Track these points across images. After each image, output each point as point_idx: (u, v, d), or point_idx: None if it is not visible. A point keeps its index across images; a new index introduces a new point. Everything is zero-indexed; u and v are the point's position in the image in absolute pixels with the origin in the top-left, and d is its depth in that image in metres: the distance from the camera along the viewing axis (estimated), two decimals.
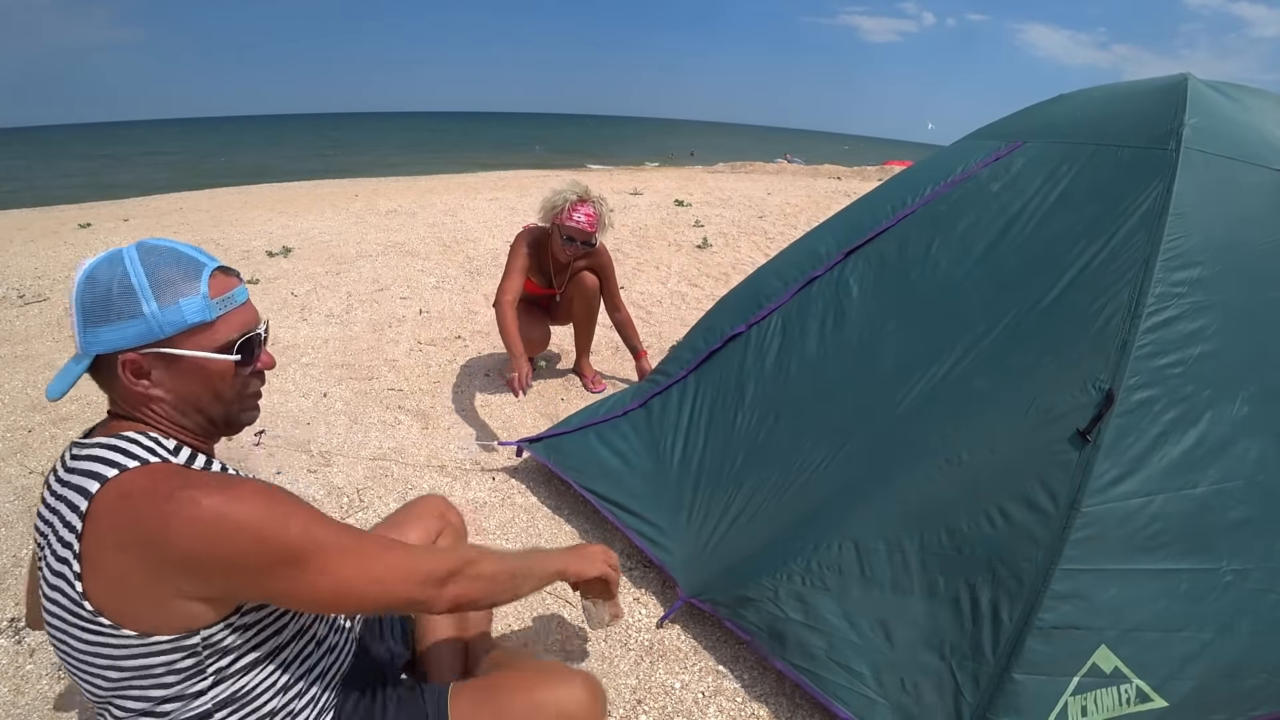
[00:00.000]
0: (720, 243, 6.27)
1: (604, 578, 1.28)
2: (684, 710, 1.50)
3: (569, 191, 2.83)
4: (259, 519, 0.80)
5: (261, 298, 4.46)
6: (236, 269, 0.94)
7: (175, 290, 0.85)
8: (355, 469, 2.42)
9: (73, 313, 0.85)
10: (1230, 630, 1.30)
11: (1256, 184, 1.65)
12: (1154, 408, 1.39)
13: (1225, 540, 1.34)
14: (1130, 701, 1.24)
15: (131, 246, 0.87)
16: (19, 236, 6.66)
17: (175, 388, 0.88)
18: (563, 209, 2.82)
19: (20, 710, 1.44)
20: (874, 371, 1.83)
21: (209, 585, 0.81)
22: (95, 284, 0.84)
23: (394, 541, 0.97)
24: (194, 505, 0.78)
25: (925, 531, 1.48)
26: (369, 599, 0.89)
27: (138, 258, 0.85)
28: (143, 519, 0.78)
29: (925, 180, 2.13)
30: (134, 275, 0.84)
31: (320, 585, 0.85)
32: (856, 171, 15.14)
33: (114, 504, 0.79)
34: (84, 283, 0.85)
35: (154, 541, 0.77)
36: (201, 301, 0.87)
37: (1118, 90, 2.05)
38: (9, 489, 2.22)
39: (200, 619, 0.82)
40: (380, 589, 0.89)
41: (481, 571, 1.01)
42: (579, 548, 1.30)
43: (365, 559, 0.88)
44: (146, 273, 0.85)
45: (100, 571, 0.78)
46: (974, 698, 1.29)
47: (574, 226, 2.81)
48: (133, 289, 0.83)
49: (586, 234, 2.82)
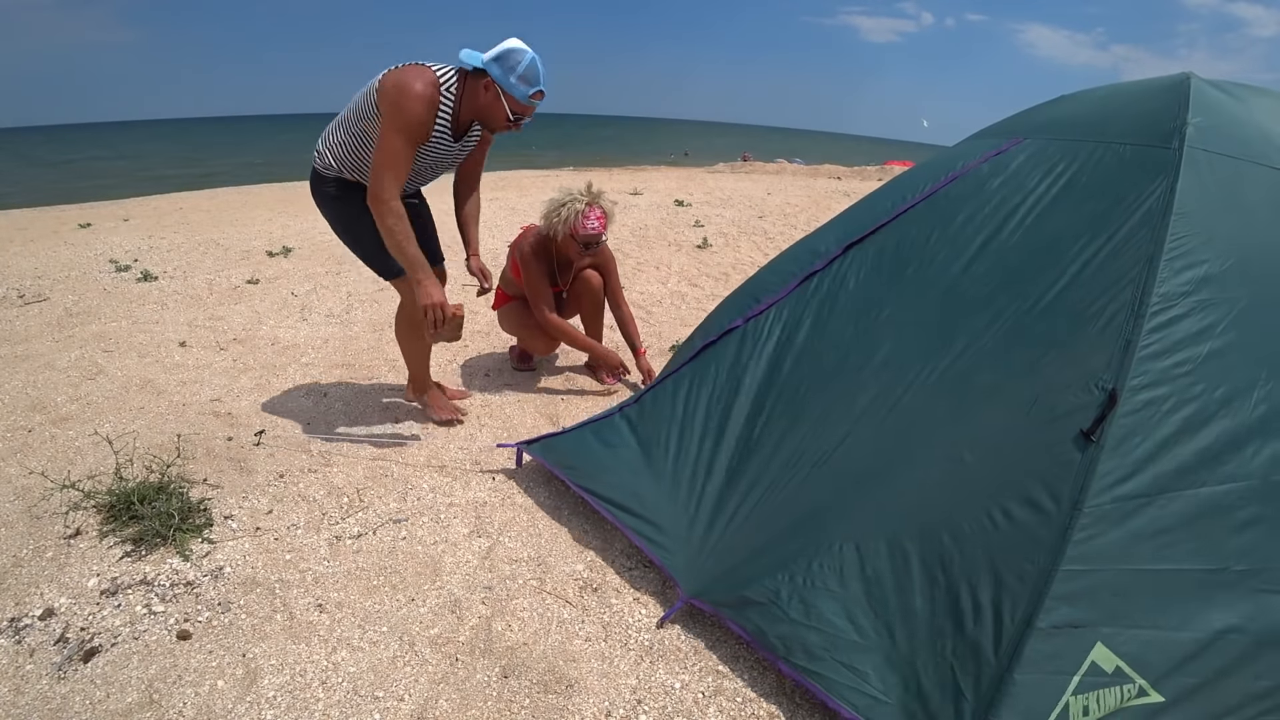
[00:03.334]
0: (720, 243, 6.26)
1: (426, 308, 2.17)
2: (684, 710, 1.49)
3: (577, 199, 2.87)
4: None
5: (261, 298, 4.46)
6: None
7: None
8: (355, 469, 2.41)
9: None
10: (1236, 630, 1.28)
11: (1260, 183, 1.64)
12: (1162, 407, 1.38)
13: (1233, 540, 1.33)
14: (1130, 698, 1.24)
15: None
16: (19, 236, 6.66)
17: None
18: (575, 219, 2.86)
19: (20, 710, 1.44)
20: (873, 366, 1.83)
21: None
22: None
23: (393, 158, 2.07)
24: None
25: (927, 531, 1.47)
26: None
27: None
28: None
29: (925, 178, 2.13)
30: None
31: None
32: (856, 171, 15.14)
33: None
34: None
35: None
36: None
37: (1119, 90, 2.05)
38: (9, 489, 2.21)
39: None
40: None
41: (386, 222, 2.11)
42: (431, 283, 2.17)
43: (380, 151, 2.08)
44: None
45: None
46: (975, 698, 1.28)
47: (591, 233, 2.88)
48: None
49: (599, 235, 2.92)
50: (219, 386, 3.06)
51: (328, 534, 2.05)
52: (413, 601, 1.79)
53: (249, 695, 1.49)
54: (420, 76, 2.08)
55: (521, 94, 2.14)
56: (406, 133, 2.07)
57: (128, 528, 1.99)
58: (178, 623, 1.69)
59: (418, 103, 2.06)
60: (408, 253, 2.15)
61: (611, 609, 1.78)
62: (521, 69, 2.11)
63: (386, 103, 2.07)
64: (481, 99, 2.17)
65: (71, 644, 1.60)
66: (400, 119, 2.05)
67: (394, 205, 2.11)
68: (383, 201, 2.09)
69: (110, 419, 2.71)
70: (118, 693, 1.48)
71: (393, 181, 2.09)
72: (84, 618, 1.69)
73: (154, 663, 1.57)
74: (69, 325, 3.85)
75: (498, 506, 2.23)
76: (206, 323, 3.94)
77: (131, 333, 3.73)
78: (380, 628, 1.70)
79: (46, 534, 1.99)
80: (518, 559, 1.97)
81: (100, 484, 2.16)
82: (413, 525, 2.11)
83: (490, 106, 2.17)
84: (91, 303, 4.25)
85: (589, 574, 1.91)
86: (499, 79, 2.12)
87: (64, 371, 3.18)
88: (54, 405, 2.83)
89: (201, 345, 3.57)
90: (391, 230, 2.12)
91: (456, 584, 1.86)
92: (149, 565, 1.88)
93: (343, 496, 2.25)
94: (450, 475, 2.40)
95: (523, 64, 2.11)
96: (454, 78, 2.17)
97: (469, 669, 1.58)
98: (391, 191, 2.09)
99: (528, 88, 2.14)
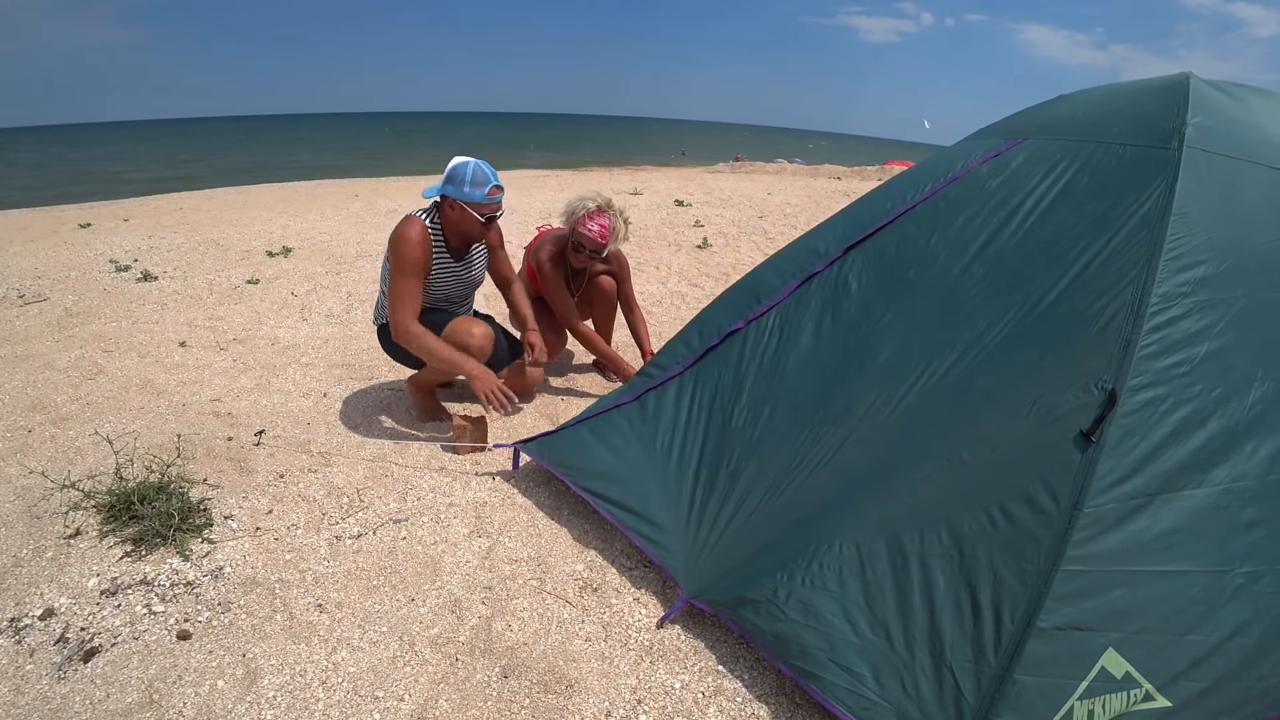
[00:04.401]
0: (720, 243, 6.27)
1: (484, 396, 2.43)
2: (684, 710, 1.49)
3: (590, 199, 2.90)
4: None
5: (261, 298, 4.46)
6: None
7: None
8: (355, 469, 2.41)
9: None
10: (1241, 634, 1.28)
11: (1260, 183, 1.64)
12: (1160, 407, 1.38)
13: (1239, 542, 1.33)
14: (1136, 702, 1.24)
15: None
16: (19, 237, 6.66)
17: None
18: (579, 216, 2.88)
19: (20, 710, 1.44)
20: (873, 369, 1.83)
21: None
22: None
23: (403, 294, 2.43)
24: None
25: (926, 531, 1.47)
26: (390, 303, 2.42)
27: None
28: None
29: (925, 178, 2.13)
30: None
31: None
32: (856, 171, 15.14)
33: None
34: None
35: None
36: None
37: (1119, 90, 2.05)
38: (9, 489, 2.21)
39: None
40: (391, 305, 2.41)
41: (415, 346, 2.45)
42: (482, 373, 2.46)
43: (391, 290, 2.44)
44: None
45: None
46: (975, 699, 1.28)
47: (585, 235, 2.89)
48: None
49: (597, 245, 2.90)
50: (219, 386, 3.06)
51: (328, 534, 2.05)
52: (413, 601, 1.79)
53: (249, 695, 1.49)
54: (410, 225, 2.45)
55: (479, 196, 2.45)
56: (408, 270, 2.42)
57: (128, 528, 1.99)
58: (178, 623, 1.69)
59: (412, 246, 2.42)
60: (448, 359, 2.46)
61: (611, 609, 1.78)
62: (469, 177, 2.44)
63: (390, 253, 2.46)
64: (454, 217, 2.50)
65: (71, 644, 1.60)
66: (401, 262, 2.42)
67: (415, 330, 2.43)
68: (404, 331, 2.43)
69: (110, 419, 2.71)
70: (118, 693, 1.48)
71: (407, 314, 2.43)
72: (84, 618, 1.69)
73: (154, 663, 1.57)
74: (69, 325, 3.85)
75: (498, 506, 2.23)
76: (206, 323, 3.94)
77: (131, 333, 3.73)
78: (380, 628, 1.70)
79: (46, 534, 1.99)
80: (518, 559, 1.97)
81: (100, 484, 2.16)
82: (413, 525, 2.11)
83: (462, 220, 2.49)
84: (91, 303, 4.25)
85: (589, 574, 1.91)
86: (455, 195, 2.45)
87: (64, 371, 3.18)
88: (54, 405, 2.83)
89: (201, 345, 3.57)
90: (425, 350, 2.45)
91: (456, 584, 1.86)
92: (149, 565, 1.88)
93: (343, 496, 2.25)
94: (450, 475, 2.40)
95: (468, 173, 2.44)
96: (434, 213, 2.54)
97: (469, 669, 1.58)
98: (408, 321, 2.43)
99: (481, 189, 2.45)
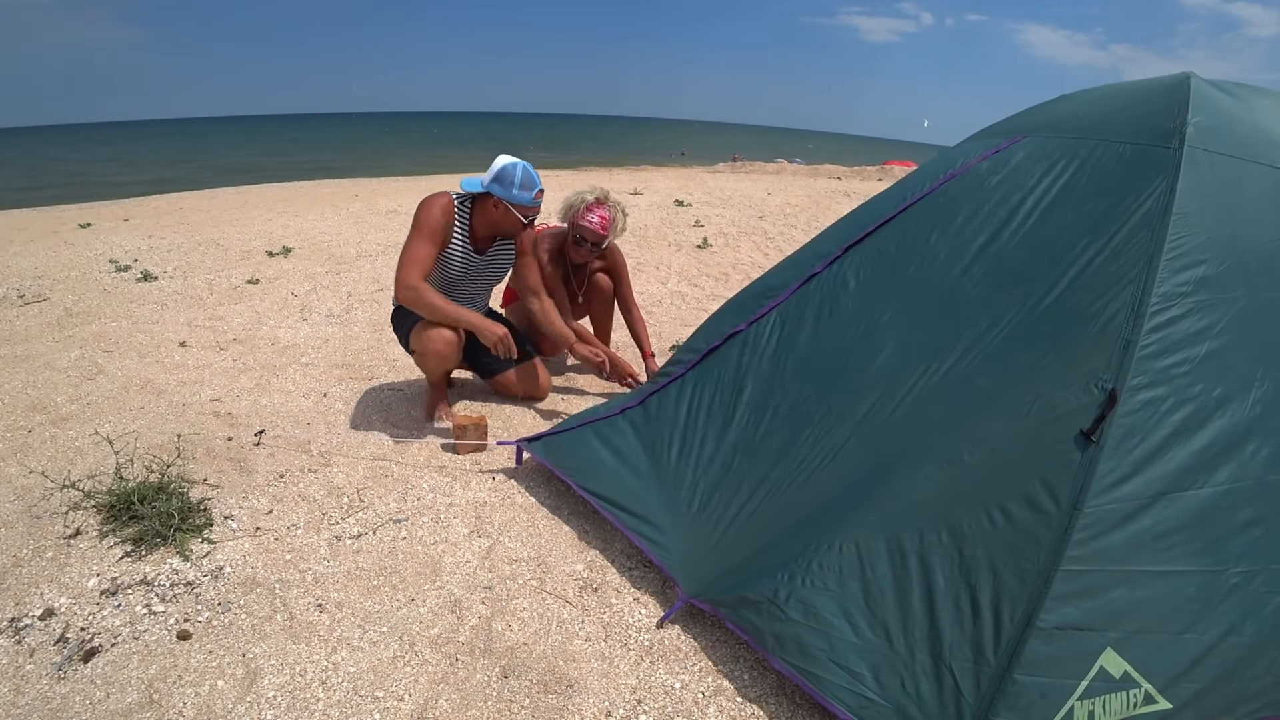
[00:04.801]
0: (720, 243, 6.26)
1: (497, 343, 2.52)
2: (684, 710, 1.49)
3: (588, 192, 2.92)
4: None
5: (261, 298, 4.46)
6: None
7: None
8: (355, 469, 2.41)
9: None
10: (1235, 633, 1.29)
11: (1260, 183, 1.64)
12: (1160, 407, 1.38)
13: (1235, 542, 1.33)
14: (1136, 704, 1.24)
15: None
16: (19, 237, 6.66)
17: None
18: (579, 208, 2.91)
19: (20, 710, 1.44)
20: (874, 369, 1.82)
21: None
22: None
23: (414, 255, 2.44)
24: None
25: (926, 531, 1.47)
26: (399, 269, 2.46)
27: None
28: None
29: (926, 178, 2.13)
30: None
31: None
32: (856, 171, 15.14)
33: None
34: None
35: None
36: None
37: (1120, 89, 2.05)
38: (9, 489, 2.21)
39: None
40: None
41: (422, 302, 2.46)
42: (487, 323, 2.52)
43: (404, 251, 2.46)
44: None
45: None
46: (974, 698, 1.28)
47: (586, 227, 2.91)
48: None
49: (598, 236, 2.92)
50: (219, 386, 3.06)
51: (328, 534, 2.05)
52: (413, 601, 1.79)
53: (249, 695, 1.49)
54: (438, 196, 2.51)
55: (525, 199, 2.52)
56: (424, 234, 2.45)
57: (128, 528, 1.99)
58: (178, 623, 1.69)
59: (434, 208, 2.47)
60: (452, 314, 2.49)
61: (611, 609, 1.78)
62: (518, 180, 2.49)
63: (413, 219, 2.49)
64: (493, 215, 2.56)
65: (71, 644, 1.60)
66: (419, 225, 2.46)
67: (421, 285, 2.45)
68: (410, 288, 2.44)
69: (110, 419, 2.71)
70: (118, 693, 1.48)
71: (415, 273, 2.44)
72: (84, 618, 1.69)
73: (154, 663, 1.57)
74: (69, 325, 3.85)
75: (498, 506, 2.23)
76: (206, 323, 3.94)
77: (131, 333, 3.73)
78: (380, 628, 1.70)
79: (46, 534, 1.99)
80: (518, 559, 1.97)
81: (100, 484, 2.16)
82: (413, 525, 2.11)
83: (503, 219, 2.56)
84: (91, 303, 4.25)
85: (589, 574, 1.91)
86: (502, 195, 2.50)
87: (64, 371, 3.18)
88: (54, 405, 2.83)
89: (201, 345, 3.57)
90: (428, 305, 2.46)
91: (456, 584, 1.86)
92: (149, 565, 1.88)
93: (343, 496, 2.25)
94: (450, 475, 2.40)
95: (517, 175, 2.49)
96: (467, 200, 2.59)
97: (469, 669, 1.58)
98: (415, 277, 2.43)
99: (529, 193, 2.51)
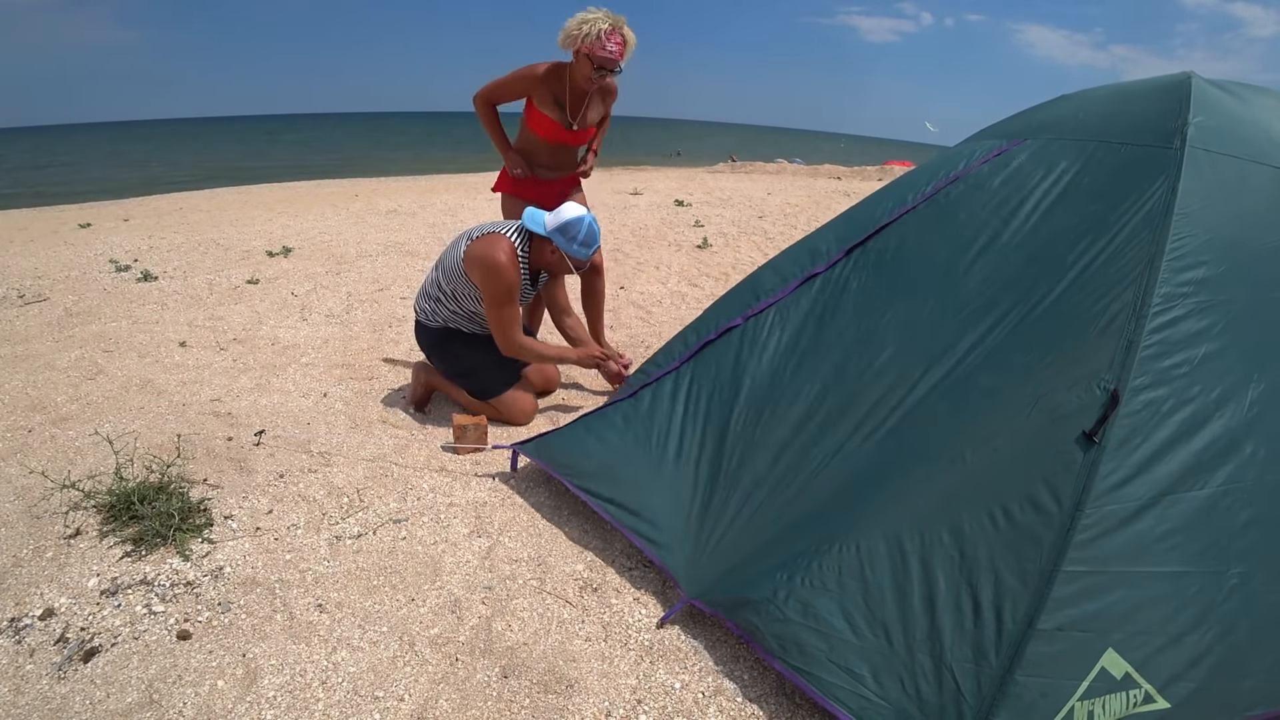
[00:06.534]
0: (720, 243, 6.26)
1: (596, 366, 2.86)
2: (684, 710, 1.49)
3: (601, 19, 2.74)
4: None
5: (261, 298, 4.46)
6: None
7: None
8: (355, 469, 2.41)
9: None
10: (1232, 632, 1.29)
11: (1262, 183, 1.64)
12: (1161, 408, 1.38)
13: (1235, 542, 1.33)
14: (1136, 704, 1.24)
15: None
16: (19, 237, 6.66)
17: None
18: (594, 36, 2.73)
19: (20, 710, 1.43)
20: (875, 369, 1.82)
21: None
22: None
23: (507, 319, 2.60)
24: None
25: (927, 531, 1.47)
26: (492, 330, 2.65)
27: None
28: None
29: (926, 178, 2.13)
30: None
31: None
32: (856, 171, 15.13)
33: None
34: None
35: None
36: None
37: (1120, 89, 2.05)
38: (9, 489, 2.21)
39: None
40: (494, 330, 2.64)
41: (533, 355, 2.73)
42: (587, 356, 2.83)
43: (495, 317, 2.60)
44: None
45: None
46: (975, 699, 1.28)
47: (607, 55, 2.75)
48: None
49: (617, 62, 2.80)
50: (219, 386, 3.06)
51: (328, 534, 2.05)
52: (413, 601, 1.79)
53: (249, 695, 1.49)
54: (499, 248, 2.52)
55: (583, 255, 2.62)
56: (507, 297, 2.57)
57: (128, 528, 1.99)
58: (178, 623, 1.68)
59: (508, 270, 2.52)
60: (557, 355, 2.80)
61: (611, 609, 1.78)
62: (581, 236, 2.57)
63: (478, 275, 2.56)
64: (549, 258, 2.66)
65: (71, 644, 1.60)
66: (500, 293, 2.55)
67: (524, 341, 2.68)
68: (517, 346, 2.67)
69: (110, 419, 2.71)
70: (118, 693, 1.48)
71: (515, 332, 2.66)
72: (84, 618, 1.69)
73: (154, 663, 1.56)
74: (69, 325, 3.85)
75: (498, 506, 2.23)
76: (206, 323, 3.94)
77: (131, 333, 3.73)
78: (380, 628, 1.69)
79: (46, 534, 1.99)
80: (518, 559, 1.97)
81: (100, 484, 2.16)
82: (413, 525, 2.11)
83: (558, 264, 2.68)
84: (91, 303, 4.25)
85: (589, 574, 1.91)
86: (563, 247, 2.57)
87: (64, 371, 3.17)
88: (54, 405, 2.83)
89: (201, 345, 3.57)
90: (537, 354, 2.74)
91: (456, 584, 1.86)
92: (149, 565, 1.88)
93: (343, 496, 2.25)
94: (450, 475, 2.40)
95: (581, 232, 2.56)
96: (523, 240, 2.63)
97: (469, 669, 1.58)
98: (517, 336, 2.66)
99: (587, 250, 2.61)
